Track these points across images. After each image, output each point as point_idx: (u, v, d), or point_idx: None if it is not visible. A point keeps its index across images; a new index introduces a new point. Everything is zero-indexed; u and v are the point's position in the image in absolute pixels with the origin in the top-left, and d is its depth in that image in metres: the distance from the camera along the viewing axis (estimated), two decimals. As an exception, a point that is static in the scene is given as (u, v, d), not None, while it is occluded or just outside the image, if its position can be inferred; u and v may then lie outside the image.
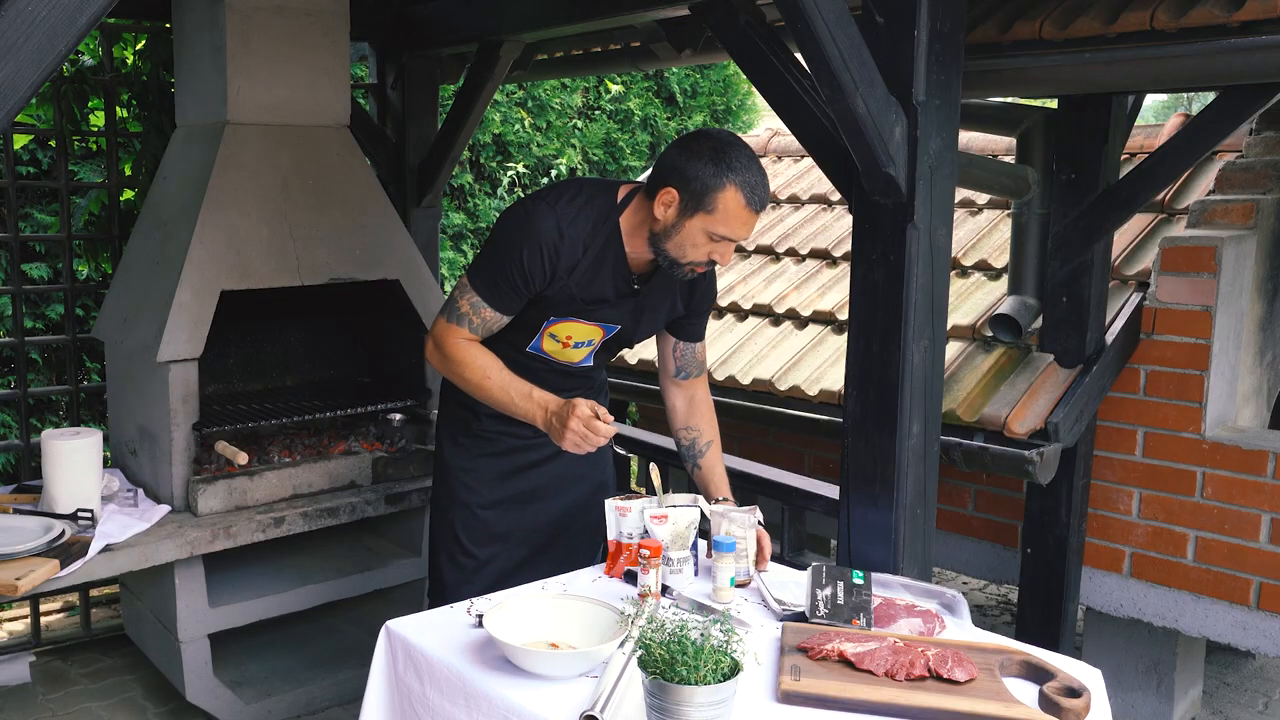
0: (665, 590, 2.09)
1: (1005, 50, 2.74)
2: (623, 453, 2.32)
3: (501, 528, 2.44)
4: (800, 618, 1.99)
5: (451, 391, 2.44)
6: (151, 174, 3.58)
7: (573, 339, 2.28)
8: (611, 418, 2.11)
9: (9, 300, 3.87)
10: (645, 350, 3.91)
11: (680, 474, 3.06)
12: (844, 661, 1.77)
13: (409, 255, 3.46)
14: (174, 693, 3.25)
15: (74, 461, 2.85)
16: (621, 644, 1.76)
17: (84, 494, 2.88)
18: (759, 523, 2.21)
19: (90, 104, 3.84)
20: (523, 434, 2.36)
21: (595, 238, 2.18)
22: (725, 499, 2.36)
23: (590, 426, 2.06)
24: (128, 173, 3.87)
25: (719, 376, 3.61)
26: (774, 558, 2.56)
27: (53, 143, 3.83)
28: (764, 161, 5.03)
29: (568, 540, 2.50)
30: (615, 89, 6.55)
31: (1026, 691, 1.74)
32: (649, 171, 2.23)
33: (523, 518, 2.46)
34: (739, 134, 6.65)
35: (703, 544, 2.29)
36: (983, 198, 3.99)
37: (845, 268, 3.87)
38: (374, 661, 1.94)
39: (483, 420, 2.40)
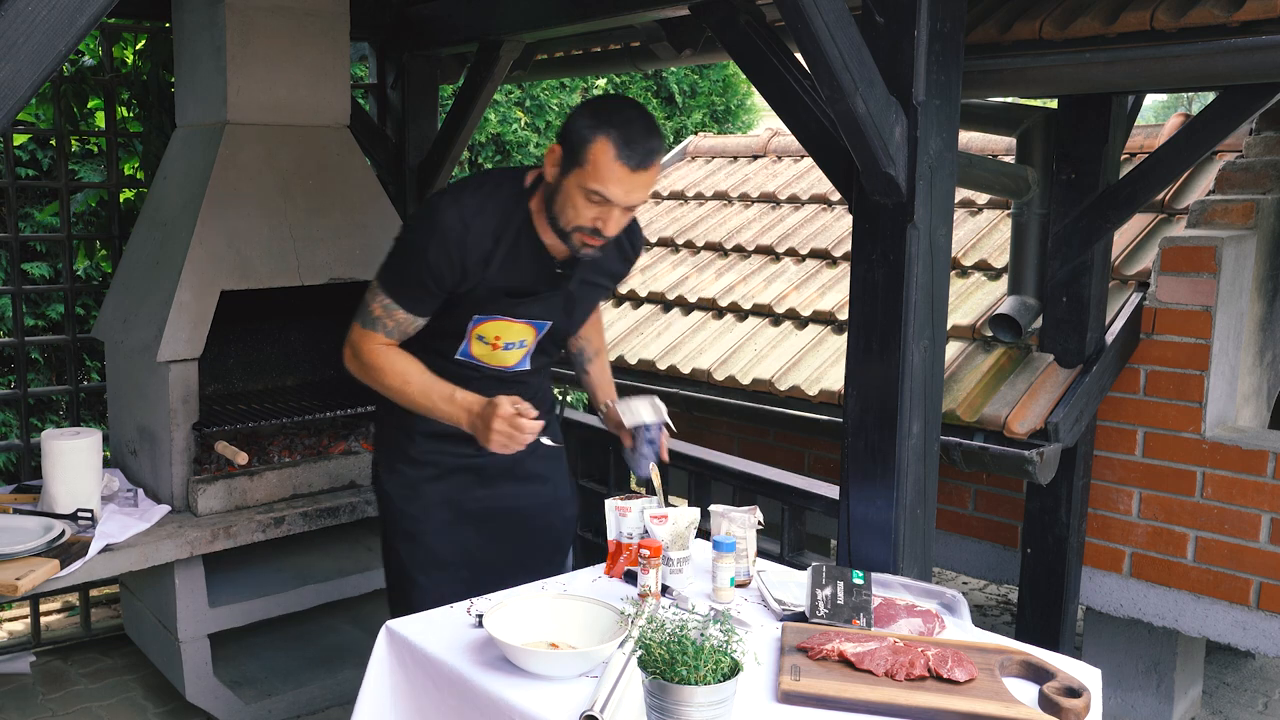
0: (665, 590, 2.09)
1: (1005, 50, 2.74)
2: (550, 444, 2.25)
3: (449, 554, 2.31)
4: (800, 618, 1.99)
5: (385, 416, 2.33)
6: (152, 175, 3.58)
7: (502, 339, 2.18)
8: (535, 412, 2.03)
9: (9, 300, 3.87)
10: (645, 350, 3.91)
11: (680, 475, 3.06)
12: (844, 661, 1.77)
13: (409, 255, 3.46)
14: (174, 693, 3.25)
15: (74, 461, 2.85)
16: (621, 644, 1.76)
17: (84, 494, 2.88)
18: (664, 425, 2.25)
19: (90, 104, 3.84)
20: (463, 452, 2.24)
21: (506, 227, 2.09)
22: (612, 401, 2.33)
23: (514, 424, 1.99)
24: (128, 172, 3.87)
25: (719, 376, 3.61)
26: (774, 558, 2.57)
27: (54, 141, 3.83)
28: (764, 161, 5.04)
29: (524, 561, 2.35)
30: (602, 83, 6.53)
31: (1026, 691, 1.74)
32: None
33: (471, 541, 2.33)
34: (741, 133, 6.67)
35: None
36: (983, 198, 3.99)
37: (845, 268, 3.87)
38: (372, 660, 1.94)
39: (418, 441, 2.27)
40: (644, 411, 2.25)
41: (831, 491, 2.68)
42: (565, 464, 2.50)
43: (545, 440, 2.18)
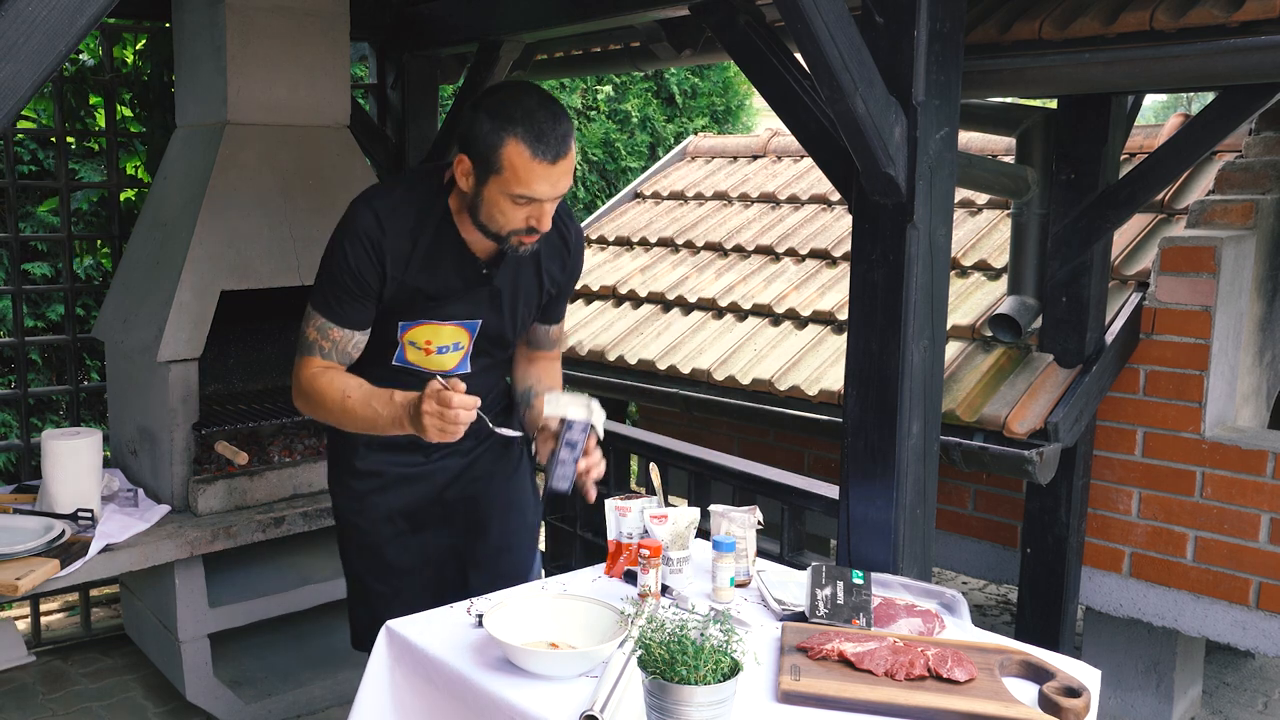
0: (665, 590, 2.09)
1: (1005, 50, 2.74)
2: (508, 433, 2.08)
3: (407, 562, 2.25)
4: (800, 618, 1.99)
5: (332, 431, 2.25)
6: (153, 174, 3.59)
7: (433, 343, 2.09)
8: (463, 387, 1.85)
9: (9, 300, 3.87)
10: (645, 350, 3.91)
11: (680, 475, 3.06)
12: (844, 661, 1.77)
13: (409, 255, 3.46)
14: (174, 693, 3.25)
15: (74, 461, 2.85)
16: (621, 644, 1.76)
17: (84, 494, 2.88)
18: (590, 428, 1.98)
19: (91, 101, 3.84)
20: (409, 461, 2.19)
21: (423, 226, 2.01)
22: (538, 394, 2.14)
23: (440, 400, 1.83)
24: (130, 171, 3.87)
25: (719, 377, 3.62)
26: (774, 558, 2.57)
27: (54, 139, 3.83)
28: (763, 161, 5.04)
29: (494, 555, 2.30)
30: (606, 89, 6.54)
31: (1026, 691, 1.74)
32: None
33: (430, 545, 2.26)
34: (736, 131, 6.67)
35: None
36: (982, 198, 3.99)
37: (845, 268, 3.87)
38: (371, 660, 1.94)
39: (360, 453, 2.20)
40: (571, 407, 1.97)
41: (831, 491, 2.68)
42: (526, 459, 2.38)
43: (503, 430, 2.07)
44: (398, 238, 2.00)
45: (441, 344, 2.11)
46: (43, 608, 3.86)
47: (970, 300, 3.54)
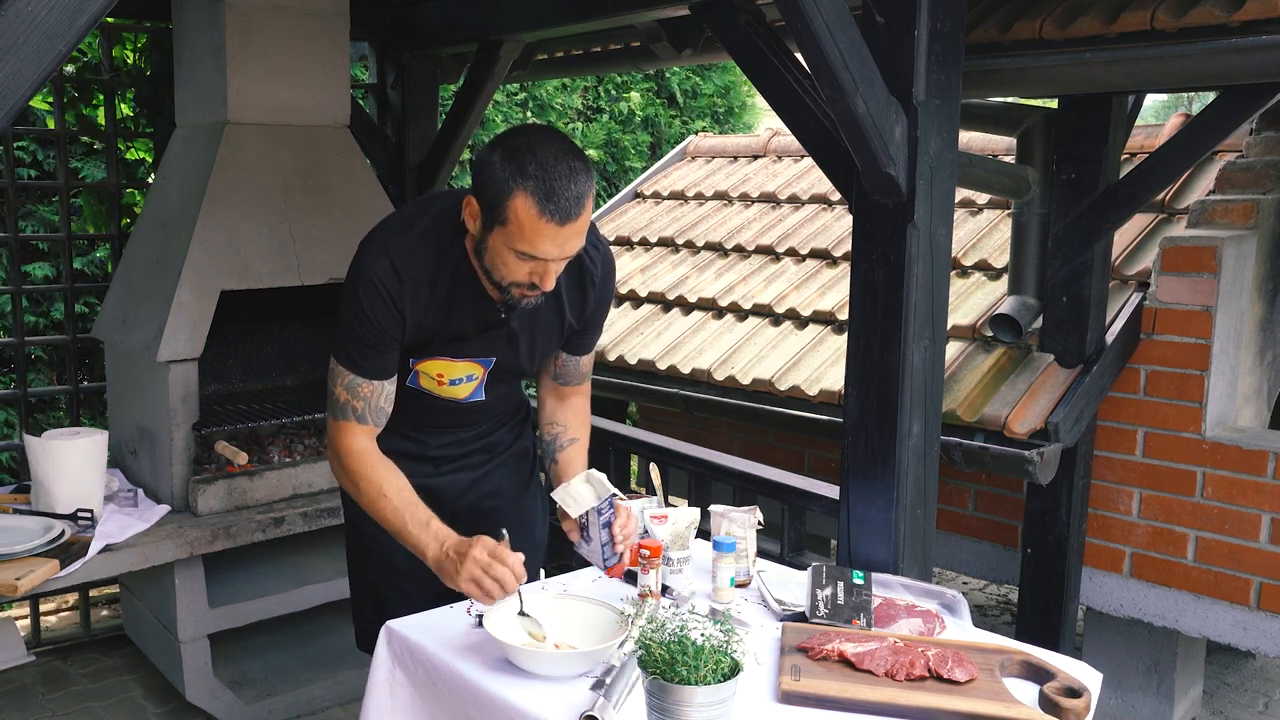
0: (665, 590, 2.09)
1: (1005, 50, 2.73)
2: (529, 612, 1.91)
3: (415, 569, 2.10)
4: (800, 618, 1.99)
5: None
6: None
7: (446, 376, 2.02)
8: (521, 558, 1.81)
9: (9, 299, 3.87)
10: (645, 350, 3.91)
11: (680, 475, 3.06)
12: (844, 661, 1.77)
13: (409, 255, 3.46)
14: (174, 693, 3.25)
15: (74, 461, 2.85)
16: (621, 644, 1.76)
17: (84, 494, 2.88)
18: (613, 498, 1.96)
19: (94, 101, 3.84)
20: (420, 470, 2.12)
21: (441, 269, 1.90)
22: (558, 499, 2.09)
23: (487, 569, 1.76)
24: (143, 169, 3.86)
25: (719, 376, 3.61)
26: (774, 558, 2.57)
27: (53, 139, 3.84)
28: (764, 161, 5.04)
29: None
30: (611, 90, 6.55)
31: (1027, 692, 1.74)
32: None
33: None
34: (738, 131, 6.67)
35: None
36: (983, 198, 3.99)
37: (845, 268, 3.87)
38: (374, 661, 1.94)
39: None
40: (583, 493, 1.96)
41: (831, 491, 2.68)
42: (536, 477, 2.36)
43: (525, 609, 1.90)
44: (416, 285, 1.89)
45: (455, 377, 2.04)
46: (43, 608, 3.85)
47: (971, 300, 3.54)
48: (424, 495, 2.14)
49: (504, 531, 1.88)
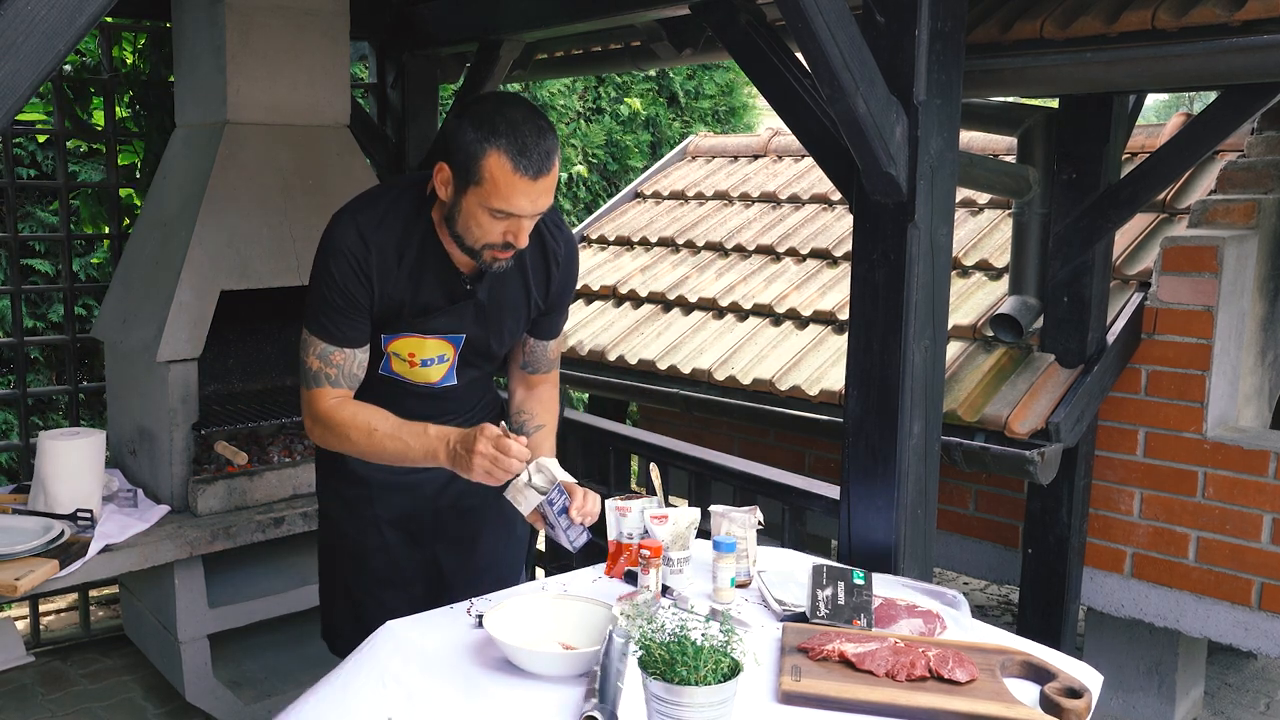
0: (666, 590, 2.08)
1: (1006, 50, 2.73)
2: (542, 484, 1.97)
3: (394, 573, 2.21)
4: (801, 618, 1.99)
5: None
6: (152, 173, 3.59)
7: (417, 356, 2.05)
8: (524, 440, 1.89)
9: (9, 300, 3.87)
10: (645, 350, 3.91)
11: (680, 475, 3.06)
12: (844, 662, 1.76)
13: (409, 255, 3.46)
14: (173, 693, 3.25)
15: (74, 461, 2.85)
16: (609, 639, 1.73)
17: (83, 494, 2.88)
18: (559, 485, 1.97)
19: (92, 104, 3.84)
20: (400, 469, 2.10)
21: (409, 239, 1.95)
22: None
23: (500, 446, 1.84)
24: (137, 173, 3.86)
25: (720, 376, 3.61)
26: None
27: (43, 136, 3.83)
28: (764, 161, 5.03)
29: (483, 572, 2.26)
30: (612, 91, 6.55)
31: (1027, 692, 1.74)
32: None
33: (420, 558, 2.23)
34: (739, 131, 6.67)
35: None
36: (983, 197, 3.99)
37: (846, 268, 3.86)
38: (360, 653, 1.89)
39: (352, 461, 2.14)
40: (529, 493, 1.95)
41: (832, 491, 2.67)
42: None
43: (533, 489, 1.96)
44: (383, 252, 1.94)
45: (426, 356, 2.06)
46: (42, 608, 3.85)
47: (971, 300, 3.54)
48: (404, 493, 2.17)
49: (503, 423, 1.93)
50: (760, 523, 2.22)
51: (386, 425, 1.97)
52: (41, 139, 4.18)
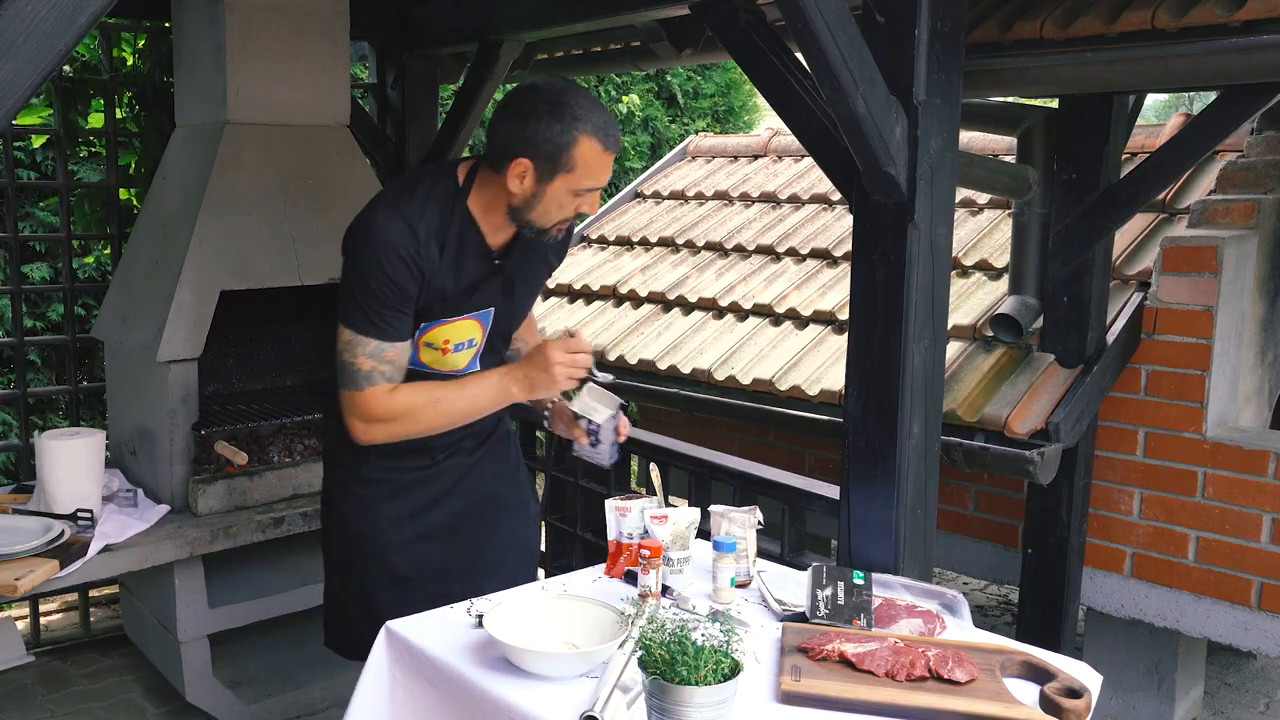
0: (665, 590, 2.09)
1: (1006, 50, 2.73)
2: (603, 377, 2.10)
3: (411, 570, 2.21)
4: (801, 618, 1.99)
5: (334, 438, 2.21)
6: (151, 174, 3.59)
7: (451, 341, 2.08)
8: (580, 334, 2.01)
9: (9, 300, 3.87)
10: (645, 350, 3.91)
11: (681, 475, 3.06)
12: (844, 662, 1.76)
13: (409, 255, 3.45)
14: (174, 693, 3.25)
15: (74, 461, 2.85)
16: (621, 644, 1.76)
17: (84, 494, 2.88)
18: (621, 408, 2.11)
19: (93, 105, 3.84)
20: (418, 464, 2.17)
21: (449, 229, 2.00)
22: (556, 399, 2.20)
23: (568, 346, 1.96)
24: (131, 172, 3.86)
25: (719, 376, 3.61)
26: (774, 558, 2.56)
27: (41, 138, 3.83)
28: (764, 161, 5.04)
29: (493, 569, 2.27)
30: (611, 90, 6.55)
31: (1027, 692, 1.74)
32: (487, 146, 2.03)
33: (434, 556, 2.23)
34: (738, 131, 6.67)
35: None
36: (983, 197, 3.99)
37: (845, 268, 3.86)
38: (370, 660, 1.93)
39: (370, 460, 2.16)
40: (598, 404, 2.06)
41: (831, 491, 2.67)
42: (523, 470, 2.42)
43: (597, 374, 2.07)
44: (428, 244, 1.97)
45: (458, 341, 2.09)
46: (42, 608, 3.85)
47: (971, 300, 3.54)
48: (427, 485, 2.20)
49: (565, 328, 2.04)
50: (760, 523, 2.22)
51: (448, 391, 2.04)
52: (38, 142, 4.17)
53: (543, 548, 3.58)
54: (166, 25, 3.60)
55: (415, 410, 2.02)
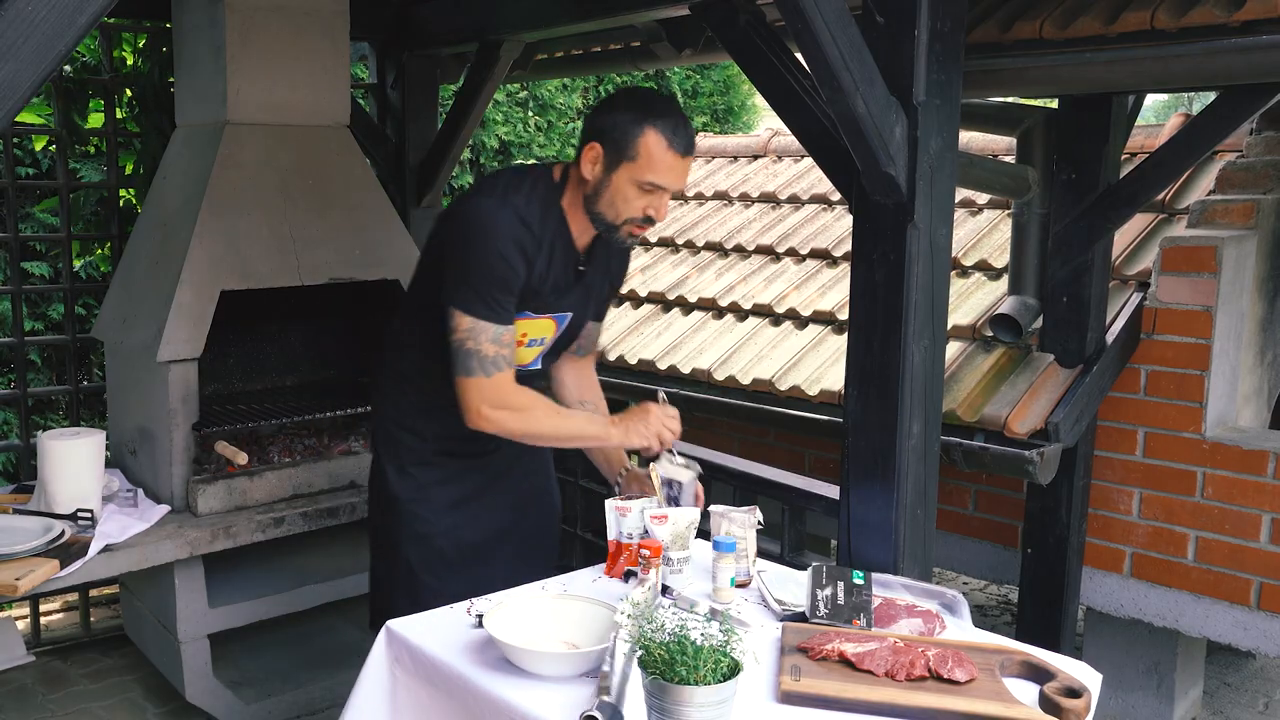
0: (665, 590, 2.09)
1: (1005, 50, 2.73)
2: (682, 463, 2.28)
3: (457, 555, 2.30)
4: (800, 618, 1.99)
5: (395, 418, 2.31)
6: (151, 174, 3.59)
7: (528, 336, 2.17)
8: (669, 408, 2.18)
9: (9, 300, 3.87)
10: (645, 350, 3.91)
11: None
12: (844, 662, 1.76)
13: (409, 255, 3.46)
14: (174, 693, 3.25)
15: (74, 461, 2.85)
16: (614, 636, 1.74)
17: (84, 494, 2.88)
18: (700, 475, 2.24)
19: (91, 105, 3.84)
20: (470, 450, 2.27)
21: (546, 225, 2.09)
22: (629, 468, 2.37)
23: (668, 412, 2.14)
24: (129, 171, 3.87)
25: (719, 376, 3.61)
26: (774, 558, 2.56)
27: (44, 138, 3.83)
28: (764, 161, 5.04)
29: (524, 556, 2.38)
30: (611, 90, 6.55)
31: (1027, 692, 1.74)
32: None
33: (477, 540, 2.33)
34: (738, 131, 6.67)
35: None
36: (983, 198, 3.99)
37: (845, 268, 3.87)
38: (369, 660, 1.93)
39: (431, 444, 2.27)
40: (679, 470, 2.22)
41: (831, 491, 2.68)
42: (549, 457, 2.52)
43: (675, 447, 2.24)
44: (535, 237, 2.07)
45: (534, 336, 2.18)
46: (43, 608, 3.85)
47: (971, 300, 3.54)
48: (473, 472, 2.31)
49: (661, 393, 2.26)
50: (760, 523, 2.22)
51: (561, 408, 2.23)
52: (39, 143, 4.17)
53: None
54: (166, 25, 3.60)
55: (534, 409, 2.12)
